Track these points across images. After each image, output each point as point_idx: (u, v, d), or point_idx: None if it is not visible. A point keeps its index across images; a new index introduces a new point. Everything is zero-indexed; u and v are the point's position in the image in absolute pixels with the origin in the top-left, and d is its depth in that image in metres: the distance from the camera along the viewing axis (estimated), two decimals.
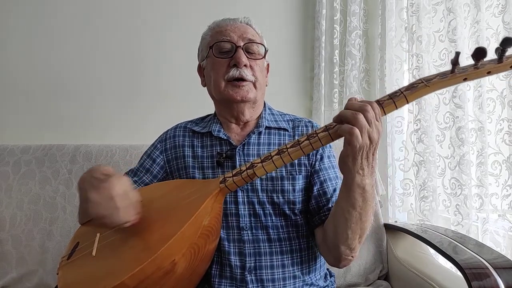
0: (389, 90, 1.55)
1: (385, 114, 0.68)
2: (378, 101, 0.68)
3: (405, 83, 1.57)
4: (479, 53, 0.62)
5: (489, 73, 0.64)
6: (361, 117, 0.63)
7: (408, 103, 0.67)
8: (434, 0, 1.48)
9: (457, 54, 0.63)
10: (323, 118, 1.69)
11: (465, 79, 0.65)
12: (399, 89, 0.68)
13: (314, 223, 0.87)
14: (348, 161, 0.68)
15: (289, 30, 1.77)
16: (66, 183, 1.34)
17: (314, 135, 0.70)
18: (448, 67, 1.47)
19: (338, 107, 1.69)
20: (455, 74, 0.65)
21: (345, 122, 0.65)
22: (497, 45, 0.61)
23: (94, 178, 0.68)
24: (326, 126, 0.70)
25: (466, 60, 0.68)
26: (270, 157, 0.72)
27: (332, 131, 0.68)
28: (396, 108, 0.67)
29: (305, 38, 1.78)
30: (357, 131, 0.63)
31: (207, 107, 1.05)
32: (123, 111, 1.68)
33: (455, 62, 0.64)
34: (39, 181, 1.34)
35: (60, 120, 1.65)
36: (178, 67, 1.69)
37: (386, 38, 1.56)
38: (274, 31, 1.71)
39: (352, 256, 0.81)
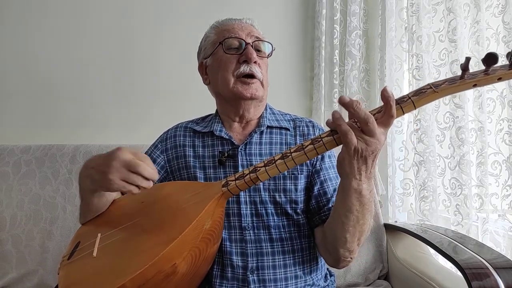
0: None
1: None
2: None
3: (405, 83, 1.57)
4: (490, 59, 0.59)
5: (499, 79, 0.61)
6: None
7: (415, 108, 0.65)
8: (434, 0, 1.48)
9: (467, 59, 0.60)
10: (323, 118, 1.69)
11: (475, 85, 0.62)
12: (407, 94, 0.65)
13: (314, 222, 0.88)
14: (344, 164, 0.66)
15: (289, 30, 1.77)
16: (66, 183, 1.34)
17: (319, 139, 0.68)
18: (448, 67, 1.47)
19: (338, 107, 1.69)
20: (465, 80, 0.62)
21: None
22: (497, 45, 0.60)
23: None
24: (331, 130, 0.68)
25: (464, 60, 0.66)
26: (273, 161, 0.70)
27: (337, 136, 0.67)
28: (403, 113, 0.65)
29: (305, 38, 1.78)
30: (351, 132, 0.62)
31: (207, 106, 1.05)
32: (123, 111, 1.68)
33: (465, 67, 0.61)
34: (39, 181, 1.34)
35: (60, 120, 1.65)
36: (177, 66, 1.69)
37: (386, 38, 1.55)
38: (274, 31, 1.70)
39: (351, 258, 0.81)
